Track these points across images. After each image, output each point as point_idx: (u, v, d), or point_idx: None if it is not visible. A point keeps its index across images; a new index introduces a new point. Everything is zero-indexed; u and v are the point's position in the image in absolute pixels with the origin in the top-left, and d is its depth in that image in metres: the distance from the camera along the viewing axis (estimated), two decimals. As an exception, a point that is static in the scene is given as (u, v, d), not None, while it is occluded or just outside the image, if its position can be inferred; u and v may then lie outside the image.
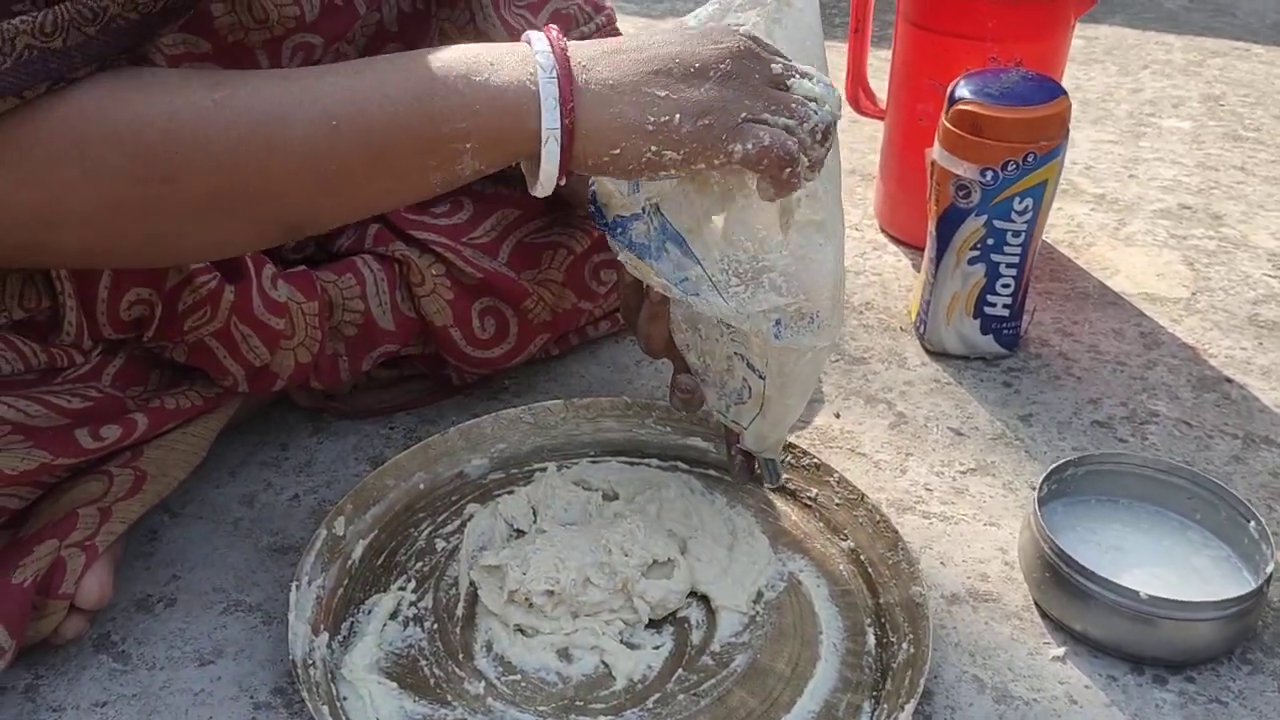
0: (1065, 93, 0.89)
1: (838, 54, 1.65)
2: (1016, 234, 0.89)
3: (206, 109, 0.55)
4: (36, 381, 0.68)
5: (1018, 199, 0.88)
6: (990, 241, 0.90)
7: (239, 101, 0.55)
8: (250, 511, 0.79)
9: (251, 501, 0.80)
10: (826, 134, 0.58)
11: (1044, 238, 1.14)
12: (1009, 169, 0.87)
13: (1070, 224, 1.19)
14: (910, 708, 0.61)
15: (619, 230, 0.63)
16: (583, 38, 0.87)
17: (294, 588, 0.67)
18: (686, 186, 0.61)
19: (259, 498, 0.81)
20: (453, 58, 0.57)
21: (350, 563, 0.73)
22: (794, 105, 0.57)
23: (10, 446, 0.64)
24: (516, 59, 0.56)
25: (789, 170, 0.57)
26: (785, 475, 0.77)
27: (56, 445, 0.66)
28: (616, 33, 0.91)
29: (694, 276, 0.61)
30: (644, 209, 0.62)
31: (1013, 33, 1.00)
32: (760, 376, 0.67)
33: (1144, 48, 1.70)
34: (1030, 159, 0.86)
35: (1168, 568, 0.73)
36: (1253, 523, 0.72)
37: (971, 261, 0.91)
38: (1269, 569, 0.68)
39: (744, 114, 0.56)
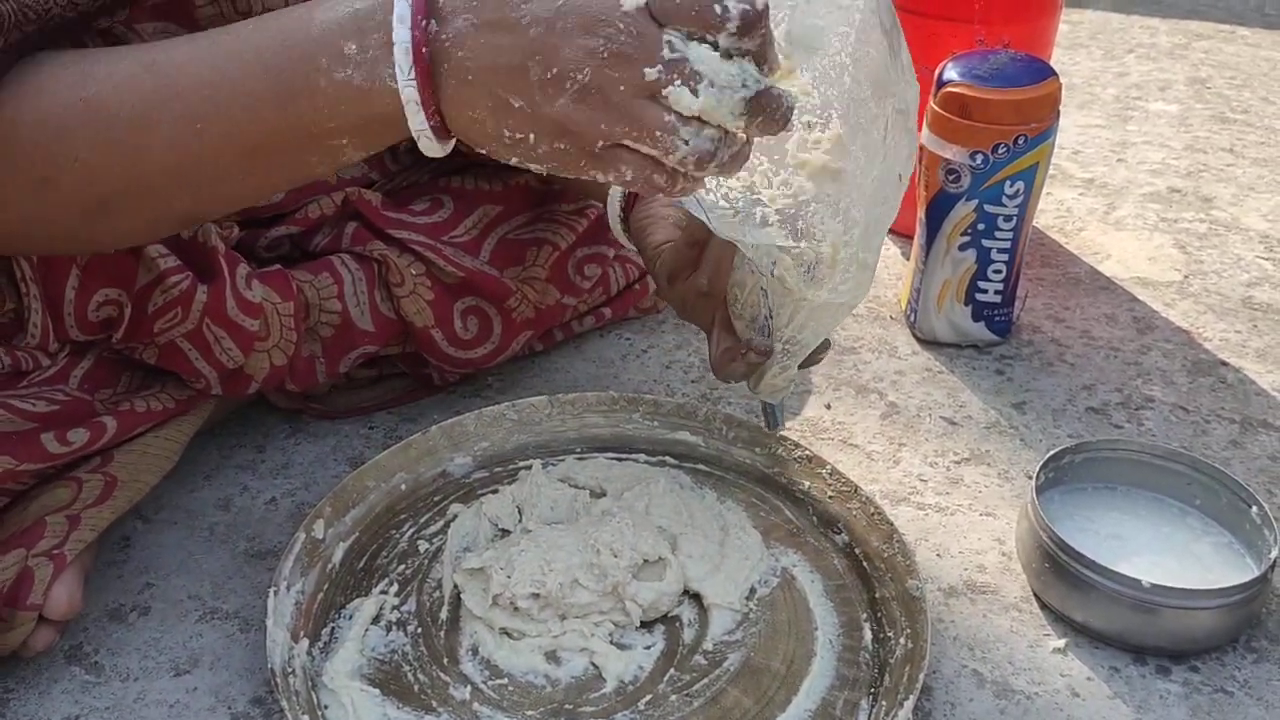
0: (1055, 73, 0.87)
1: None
2: (1008, 218, 0.88)
3: (75, 111, 0.54)
4: (1, 385, 0.66)
5: (1008, 182, 0.86)
6: (981, 227, 0.88)
7: (105, 103, 0.54)
8: (226, 516, 0.77)
9: (227, 505, 0.78)
10: (702, 162, 0.50)
11: (1035, 223, 1.13)
12: (999, 152, 0.85)
13: (1060, 209, 1.17)
14: (910, 704, 0.60)
15: None
16: None
17: (272, 593, 0.65)
18: None
19: (235, 501, 0.78)
20: (312, 41, 0.52)
21: (330, 567, 0.70)
22: (657, 134, 0.49)
23: (-28, 453, 0.62)
24: (375, 39, 0.51)
25: (665, 179, 0.51)
26: (784, 424, 0.75)
27: (21, 450, 0.64)
28: None
29: (684, 200, 0.56)
30: None
31: (999, 15, 0.98)
32: (771, 313, 0.65)
33: (1129, 31, 1.69)
34: (1021, 141, 0.85)
35: (1168, 555, 0.71)
36: (1254, 508, 0.70)
37: (962, 248, 0.90)
38: (1273, 555, 0.67)
39: (600, 141, 0.49)
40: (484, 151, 0.53)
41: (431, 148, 0.53)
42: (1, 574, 0.62)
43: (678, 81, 0.48)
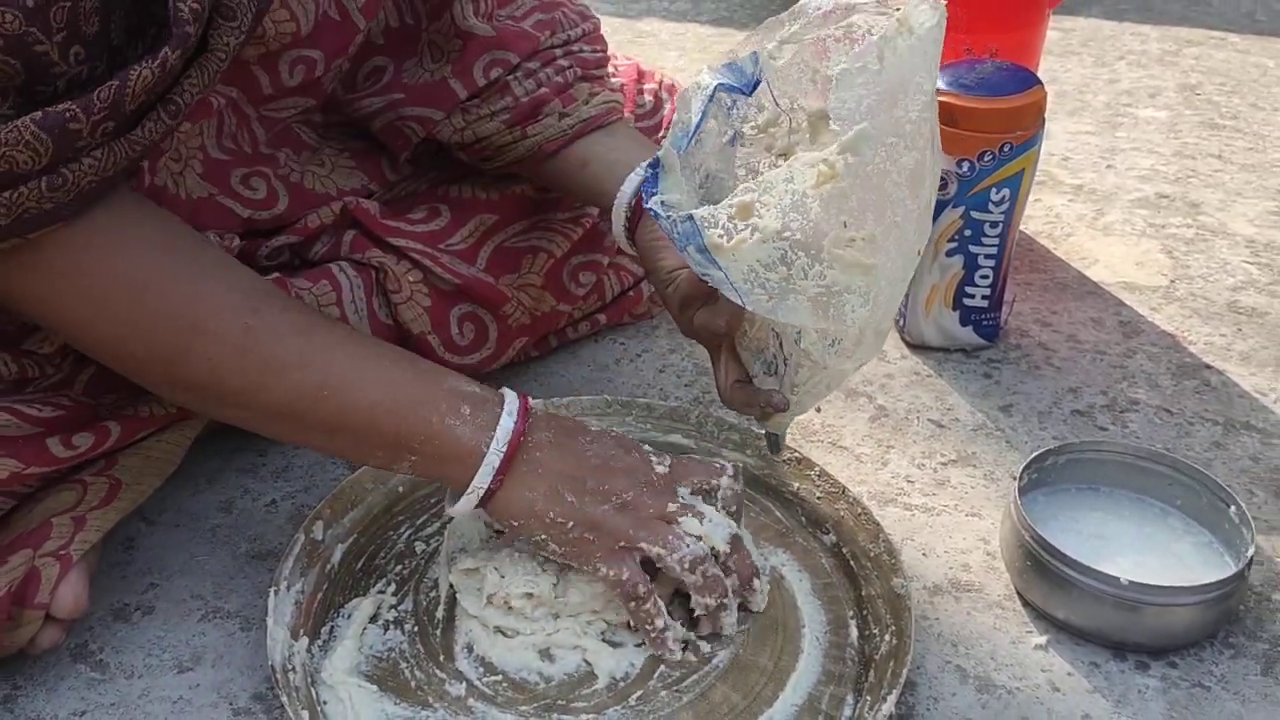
0: (1040, 82, 0.89)
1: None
2: (994, 224, 0.90)
3: (236, 334, 0.62)
4: (7, 391, 0.68)
5: (994, 189, 0.88)
6: (968, 233, 0.90)
7: (261, 341, 0.63)
8: (228, 518, 0.79)
9: (229, 508, 0.80)
10: (695, 564, 0.65)
11: (1023, 229, 1.14)
12: (985, 159, 0.87)
13: (1049, 215, 1.19)
14: (892, 699, 0.61)
15: (654, 214, 0.61)
16: (568, 42, 0.87)
17: (272, 593, 0.67)
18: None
19: (236, 504, 0.80)
20: (442, 391, 0.65)
21: (329, 567, 0.72)
22: (670, 539, 0.65)
23: (-19, 456, 0.63)
24: (485, 416, 0.65)
25: (634, 604, 0.65)
26: (788, 448, 0.78)
27: (28, 454, 0.65)
28: (601, 41, 0.91)
29: (715, 277, 0.60)
30: (669, 213, 0.60)
31: (987, 24, 1.00)
32: (785, 361, 0.67)
33: (1120, 38, 1.71)
34: (1006, 149, 0.86)
35: (1149, 554, 0.73)
36: (1233, 507, 0.72)
37: (949, 253, 0.91)
38: (1249, 552, 0.68)
39: (622, 541, 0.65)
40: (516, 524, 0.66)
41: (459, 504, 0.65)
42: (9, 574, 0.63)
43: (688, 514, 0.67)
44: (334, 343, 0.65)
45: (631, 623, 0.67)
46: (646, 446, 0.70)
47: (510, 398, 0.66)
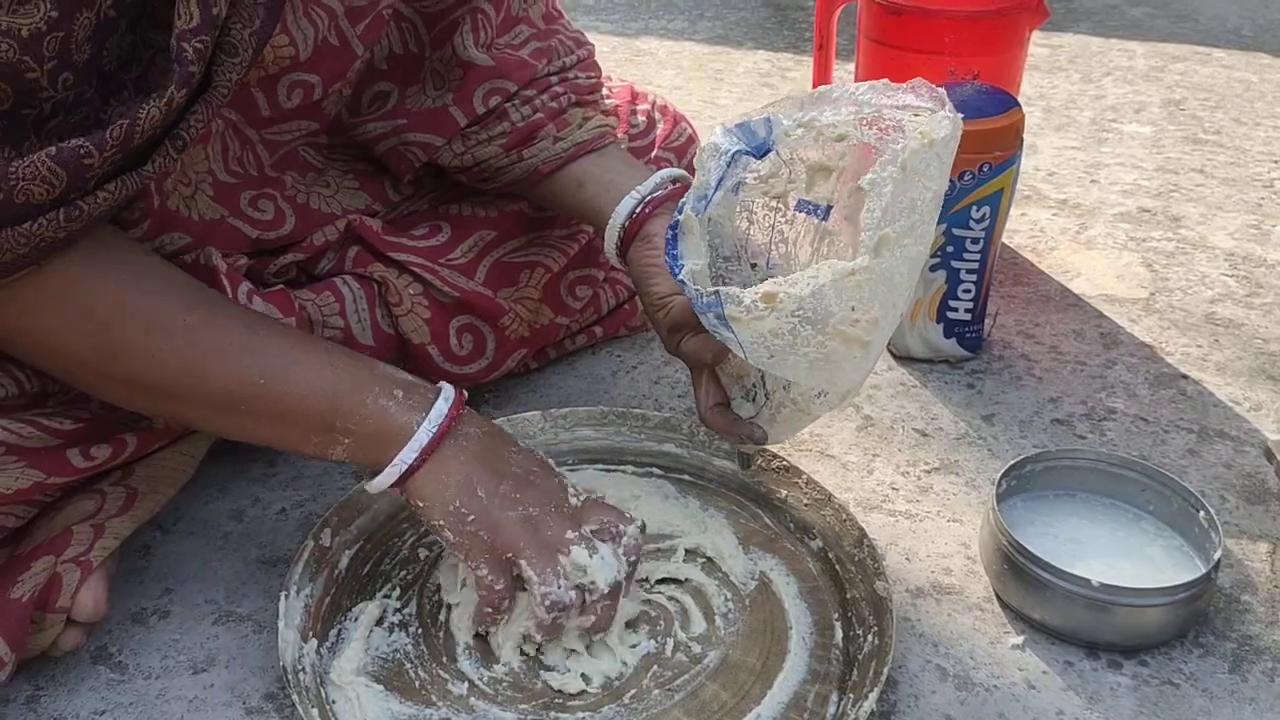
0: (1019, 104, 0.92)
1: (805, 68, 1.68)
2: (975, 241, 0.93)
3: (176, 329, 0.65)
4: (29, 405, 0.71)
5: (975, 207, 0.91)
6: (950, 249, 0.93)
7: (199, 335, 0.66)
8: (240, 526, 0.82)
9: (241, 516, 0.83)
10: (552, 606, 0.66)
11: (1008, 243, 1.18)
12: (965, 179, 0.90)
13: (1033, 229, 1.22)
14: (874, 696, 0.64)
15: (680, 281, 0.66)
16: (563, 69, 0.90)
17: (283, 597, 0.70)
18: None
19: (248, 512, 0.83)
20: (376, 375, 0.69)
21: (337, 572, 0.75)
22: (550, 571, 0.66)
23: (6, 467, 0.66)
24: (418, 398, 0.68)
25: (488, 610, 0.68)
26: (758, 464, 0.81)
27: (50, 465, 0.68)
28: (595, 68, 0.94)
29: (723, 335, 0.64)
30: (697, 288, 0.64)
31: (969, 47, 1.03)
32: (766, 396, 0.71)
33: (1107, 55, 1.74)
34: (985, 169, 0.90)
35: (1123, 558, 0.76)
36: (1202, 512, 0.75)
37: (933, 269, 0.95)
38: (1217, 555, 0.71)
39: (510, 552, 0.67)
40: (421, 505, 0.68)
41: (379, 479, 0.68)
42: (32, 579, 0.66)
43: (583, 545, 0.68)
44: (274, 335, 0.68)
45: (469, 615, 0.71)
46: (570, 482, 0.72)
47: (448, 389, 0.69)
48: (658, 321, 0.76)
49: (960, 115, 0.61)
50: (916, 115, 0.61)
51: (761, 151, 0.67)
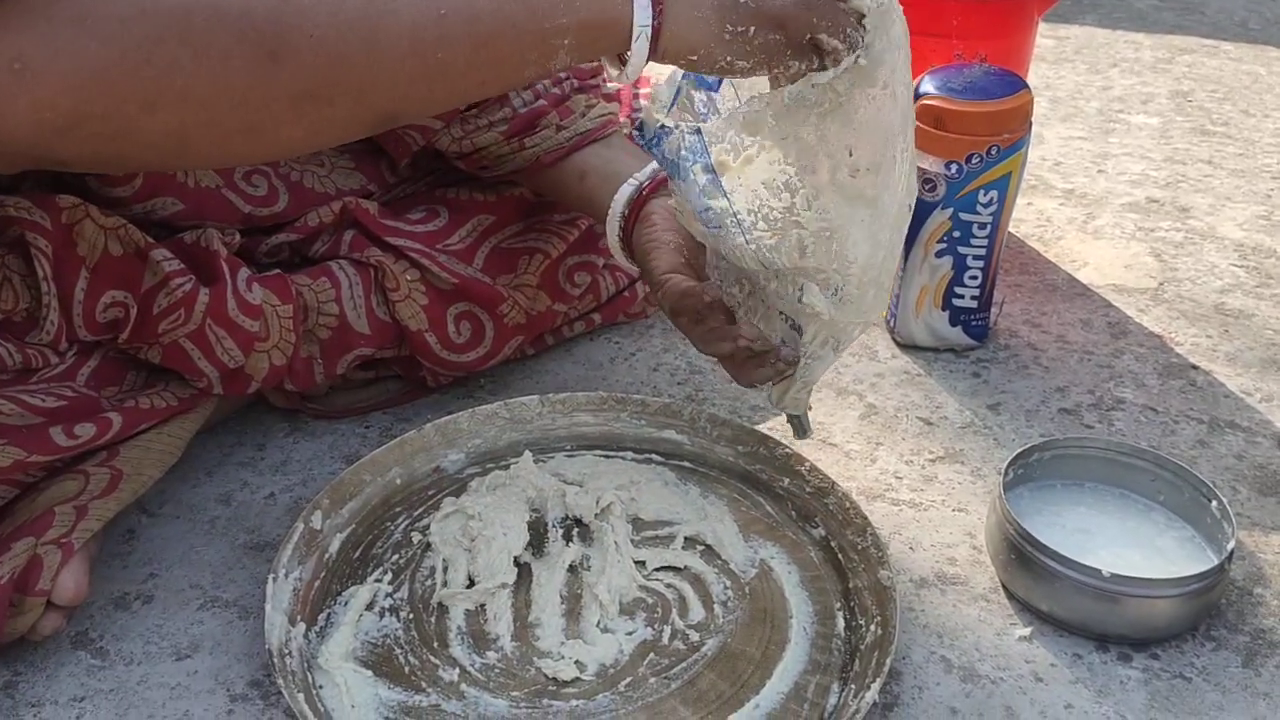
0: (1027, 86, 0.90)
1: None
2: (982, 226, 0.91)
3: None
4: (11, 381, 0.69)
5: (982, 191, 0.89)
6: (956, 234, 0.91)
7: None
8: (227, 510, 0.80)
9: (228, 500, 0.81)
10: (849, 48, 0.60)
11: (1014, 232, 1.16)
12: (973, 162, 0.88)
13: (1040, 218, 1.20)
14: (876, 687, 0.62)
15: (656, 142, 0.63)
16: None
17: (271, 579, 0.68)
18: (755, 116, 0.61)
19: (235, 496, 0.81)
20: None
21: (327, 556, 0.73)
22: (849, 31, 0.59)
23: (-14, 445, 0.65)
24: None
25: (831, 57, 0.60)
26: (813, 430, 0.77)
27: (31, 443, 0.67)
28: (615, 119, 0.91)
29: (718, 209, 0.61)
30: (678, 126, 0.62)
31: (977, 30, 1.01)
32: (797, 333, 0.68)
33: (1114, 46, 1.72)
34: (994, 152, 0.88)
35: (1133, 549, 0.74)
36: (1214, 502, 0.73)
37: (939, 254, 0.93)
38: (1230, 546, 0.69)
39: (807, 33, 0.59)
40: (696, 57, 0.60)
41: (631, 63, 0.59)
42: (11, 561, 0.65)
43: None
44: None
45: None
46: None
47: None
48: (659, 302, 0.74)
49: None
50: None
51: (716, 84, 0.66)
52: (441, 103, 0.62)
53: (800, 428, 0.75)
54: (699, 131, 0.60)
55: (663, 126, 0.62)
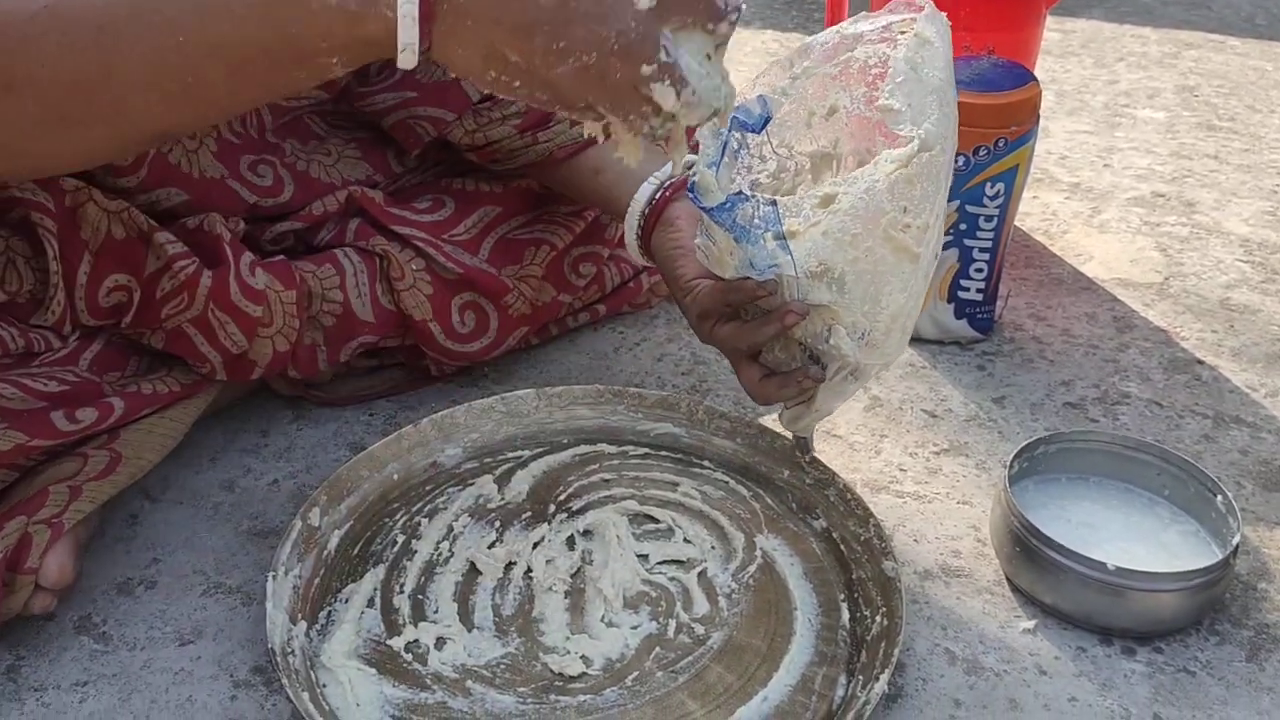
0: (1035, 79, 0.90)
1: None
2: (989, 218, 0.91)
3: (38, 17, 0.52)
4: (13, 365, 0.69)
5: (989, 184, 0.89)
6: (963, 226, 0.91)
7: (71, 10, 0.52)
8: (230, 496, 0.80)
9: (232, 486, 0.81)
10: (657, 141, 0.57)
11: (1019, 225, 1.15)
12: (980, 154, 0.88)
13: (1045, 212, 1.20)
14: (885, 678, 0.62)
15: (727, 208, 0.63)
16: None
17: (270, 578, 0.67)
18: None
19: (239, 483, 0.81)
20: None
21: (326, 553, 0.73)
22: (632, 118, 0.54)
23: (-12, 429, 0.64)
24: None
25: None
26: (815, 450, 0.78)
27: (33, 427, 0.66)
28: None
29: (781, 264, 0.63)
30: (754, 195, 0.63)
31: (985, 22, 1.01)
32: (814, 364, 0.68)
33: (1120, 40, 1.72)
34: (1001, 144, 0.87)
35: (1137, 543, 0.74)
36: (1220, 497, 0.73)
37: (945, 246, 0.92)
38: (1235, 541, 0.69)
39: (581, 105, 0.54)
40: (455, 75, 0.55)
41: (408, 61, 0.53)
42: (4, 540, 0.64)
43: (666, 81, 0.53)
44: None
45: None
46: None
47: None
48: (686, 306, 0.73)
49: (944, 15, 0.64)
50: (903, 32, 0.63)
51: (761, 125, 0.67)
52: (219, 116, 0.60)
53: (804, 446, 0.76)
54: (774, 204, 0.61)
55: (739, 193, 0.62)
